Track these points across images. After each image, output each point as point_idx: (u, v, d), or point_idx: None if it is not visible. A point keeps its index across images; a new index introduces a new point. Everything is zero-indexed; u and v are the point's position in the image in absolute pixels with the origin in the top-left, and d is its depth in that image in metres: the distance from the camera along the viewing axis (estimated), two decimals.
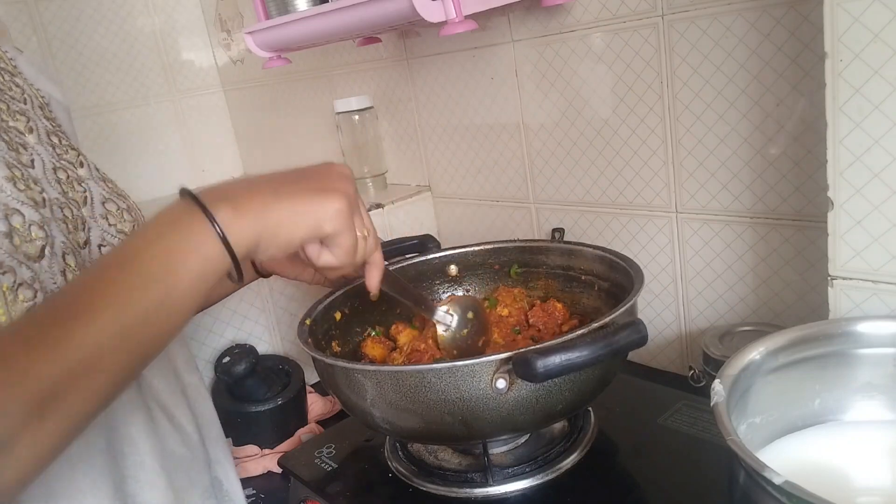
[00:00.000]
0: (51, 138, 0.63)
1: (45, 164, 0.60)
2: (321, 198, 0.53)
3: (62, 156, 0.63)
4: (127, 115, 1.64)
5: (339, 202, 0.53)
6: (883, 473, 0.56)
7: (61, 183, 0.60)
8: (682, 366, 0.97)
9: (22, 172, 0.56)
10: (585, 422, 0.79)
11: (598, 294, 0.86)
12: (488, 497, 0.71)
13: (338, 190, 0.54)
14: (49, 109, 0.67)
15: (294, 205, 0.52)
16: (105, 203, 0.64)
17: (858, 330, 0.60)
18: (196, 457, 0.66)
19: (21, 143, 0.59)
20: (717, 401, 0.52)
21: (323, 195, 0.53)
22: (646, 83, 0.88)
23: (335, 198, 0.53)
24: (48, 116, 0.66)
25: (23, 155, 0.58)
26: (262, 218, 0.50)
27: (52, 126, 0.65)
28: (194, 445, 0.66)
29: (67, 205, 0.59)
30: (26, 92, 0.65)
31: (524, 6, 0.96)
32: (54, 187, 0.59)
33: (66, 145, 0.65)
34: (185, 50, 1.67)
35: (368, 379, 0.66)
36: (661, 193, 0.91)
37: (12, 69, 0.65)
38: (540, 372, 0.58)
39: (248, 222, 0.49)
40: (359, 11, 0.83)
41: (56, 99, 0.69)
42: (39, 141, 0.61)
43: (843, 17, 0.56)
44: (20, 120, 0.61)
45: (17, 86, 0.64)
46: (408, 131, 1.26)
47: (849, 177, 0.60)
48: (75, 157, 0.64)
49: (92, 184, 0.64)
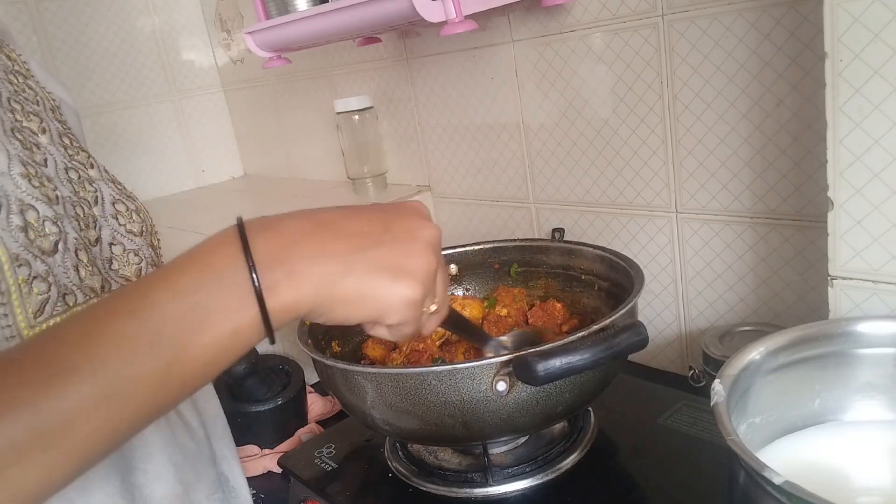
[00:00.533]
0: (62, 139, 0.64)
1: (57, 163, 0.60)
2: (395, 283, 0.44)
3: (73, 157, 0.63)
4: (127, 115, 1.64)
5: (413, 291, 0.45)
6: (883, 473, 0.56)
7: (73, 182, 0.61)
8: (682, 366, 0.97)
9: (36, 170, 0.56)
10: (585, 422, 0.79)
11: (598, 294, 0.86)
12: (488, 497, 0.71)
13: (417, 274, 0.45)
14: (60, 112, 0.68)
15: (362, 284, 0.43)
16: (115, 203, 0.65)
17: (858, 330, 0.60)
18: (202, 451, 0.66)
19: (34, 142, 0.60)
20: (717, 401, 0.52)
21: (398, 280, 0.44)
22: (646, 83, 0.88)
23: (410, 286, 0.45)
24: (59, 119, 0.66)
25: (36, 154, 0.58)
26: (322, 291, 0.42)
27: (63, 128, 0.66)
28: (200, 440, 0.67)
29: (79, 203, 0.60)
30: (39, 94, 0.65)
31: (524, 6, 0.96)
32: (66, 186, 0.60)
33: (77, 147, 0.65)
34: (185, 50, 1.67)
35: (368, 381, 0.66)
36: (661, 193, 0.91)
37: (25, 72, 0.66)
38: (541, 375, 0.58)
39: (303, 294, 0.42)
40: (359, 11, 0.83)
41: (66, 102, 0.70)
42: (52, 141, 0.62)
43: (843, 17, 0.56)
44: (34, 121, 0.61)
45: (30, 88, 0.64)
46: (408, 131, 1.26)
47: (849, 177, 0.60)
48: (86, 159, 0.65)
49: (102, 184, 0.65)
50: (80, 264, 0.55)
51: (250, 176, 1.78)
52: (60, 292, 0.52)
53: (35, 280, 0.50)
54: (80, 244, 0.56)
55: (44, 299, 0.50)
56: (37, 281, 0.50)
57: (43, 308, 0.50)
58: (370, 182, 1.30)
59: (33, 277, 0.50)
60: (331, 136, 1.42)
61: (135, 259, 0.63)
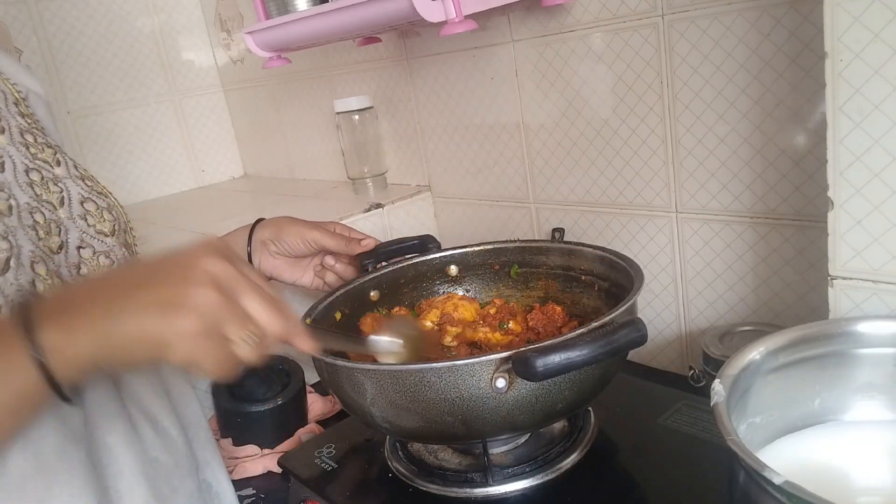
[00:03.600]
0: (24, 137, 0.61)
1: (16, 165, 0.58)
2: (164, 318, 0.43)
3: (37, 155, 0.61)
4: (127, 115, 1.64)
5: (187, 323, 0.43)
6: (883, 473, 0.56)
7: (34, 185, 0.58)
8: (682, 366, 0.97)
9: None
10: (585, 422, 0.79)
11: (598, 294, 0.85)
12: (488, 497, 0.71)
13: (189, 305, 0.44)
14: (26, 105, 0.65)
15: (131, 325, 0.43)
16: (84, 203, 0.62)
17: (858, 330, 0.60)
18: (180, 463, 0.65)
19: None
20: (717, 401, 0.52)
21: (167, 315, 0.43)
22: (646, 83, 0.88)
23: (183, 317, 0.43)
24: (24, 112, 0.63)
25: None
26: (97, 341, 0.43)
27: (27, 123, 0.63)
28: (179, 450, 0.65)
29: (39, 209, 0.57)
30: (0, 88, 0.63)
31: (524, 6, 0.96)
32: (25, 191, 0.57)
33: (42, 143, 0.62)
34: (185, 50, 1.67)
35: (368, 378, 0.66)
36: (661, 193, 0.91)
37: None
38: (539, 371, 0.58)
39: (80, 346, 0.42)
40: (359, 11, 0.83)
41: (35, 92, 0.67)
42: (11, 141, 0.59)
43: (843, 17, 0.56)
44: None
45: None
46: (408, 131, 1.26)
47: (849, 177, 0.60)
48: (52, 156, 0.62)
49: (70, 183, 0.62)
50: (37, 278, 0.52)
51: (250, 176, 1.78)
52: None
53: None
54: (37, 256, 0.54)
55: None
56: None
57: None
58: (370, 182, 1.30)
59: None
60: (331, 136, 1.42)
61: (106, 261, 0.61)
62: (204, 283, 0.45)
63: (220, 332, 0.45)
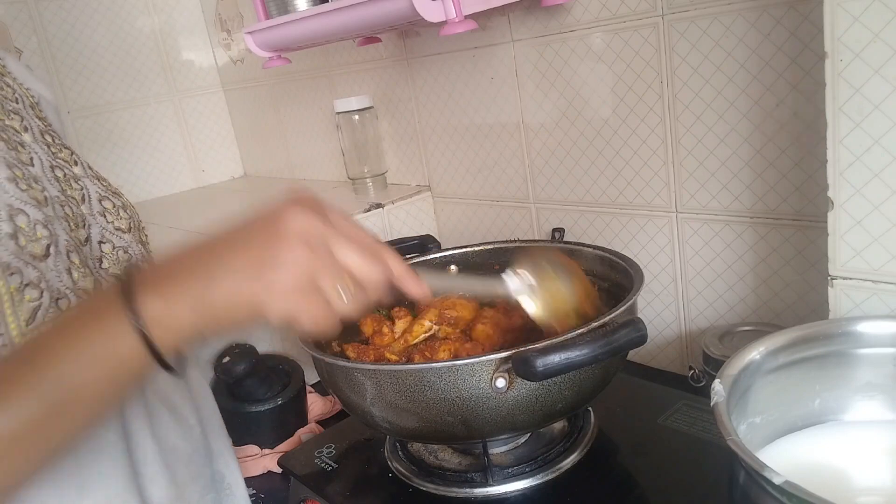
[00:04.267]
0: (45, 137, 0.63)
1: (43, 162, 0.60)
2: (259, 275, 0.44)
3: (57, 154, 0.62)
4: (127, 115, 1.64)
5: (281, 276, 0.44)
6: (883, 473, 0.56)
7: (59, 181, 0.60)
8: (682, 366, 0.97)
9: (23, 171, 0.56)
10: (585, 422, 0.79)
11: (598, 294, 0.85)
12: (488, 497, 0.71)
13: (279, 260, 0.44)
14: (39, 109, 0.67)
15: (222, 289, 0.44)
16: (102, 201, 0.64)
17: (858, 330, 0.60)
18: (197, 450, 0.66)
19: (19, 141, 0.59)
20: (717, 401, 0.52)
21: (261, 271, 0.44)
22: (646, 83, 0.88)
23: (273, 274, 0.44)
24: (39, 116, 0.65)
25: (22, 153, 0.58)
26: (197, 307, 0.44)
27: (44, 125, 0.65)
28: (196, 439, 0.66)
29: (67, 203, 0.59)
30: (17, 92, 0.64)
31: (524, 6, 0.96)
32: (53, 185, 0.59)
33: (59, 144, 0.64)
34: (185, 50, 1.67)
35: (368, 378, 0.66)
36: (661, 193, 0.91)
37: (2, 69, 0.65)
38: (539, 371, 0.58)
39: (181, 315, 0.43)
40: (359, 11, 0.83)
41: (45, 98, 0.69)
42: (35, 140, 0.61)
43: (843, 17, 0.56)
44: (15, 119, 0.60)
45: (7, 85, 0.63)
46: (408, 131, 1.26)
47: (849, 177, 0.60)
48: (69, 156, 0.64)
49: (88, 181, 0.64)
50: (72, 266, 0.54)
51: (250, 176, 1.78)
52: (53, 297, 0.51)
53: (27, 287, 0.49)
54: (71, 246, 0.55)
55: (35, 306, 0.50)
56: (28, 288, 0.50)
57: (35, 315, 0.50)
58: (370, 182, 1.30)
59: (25, 285, 0.49)
60: (331, 136, 1.42)
61: (124, 256, 0.62)
62: (292, 238, 0.45)
63: (314, 285, 0.45)
